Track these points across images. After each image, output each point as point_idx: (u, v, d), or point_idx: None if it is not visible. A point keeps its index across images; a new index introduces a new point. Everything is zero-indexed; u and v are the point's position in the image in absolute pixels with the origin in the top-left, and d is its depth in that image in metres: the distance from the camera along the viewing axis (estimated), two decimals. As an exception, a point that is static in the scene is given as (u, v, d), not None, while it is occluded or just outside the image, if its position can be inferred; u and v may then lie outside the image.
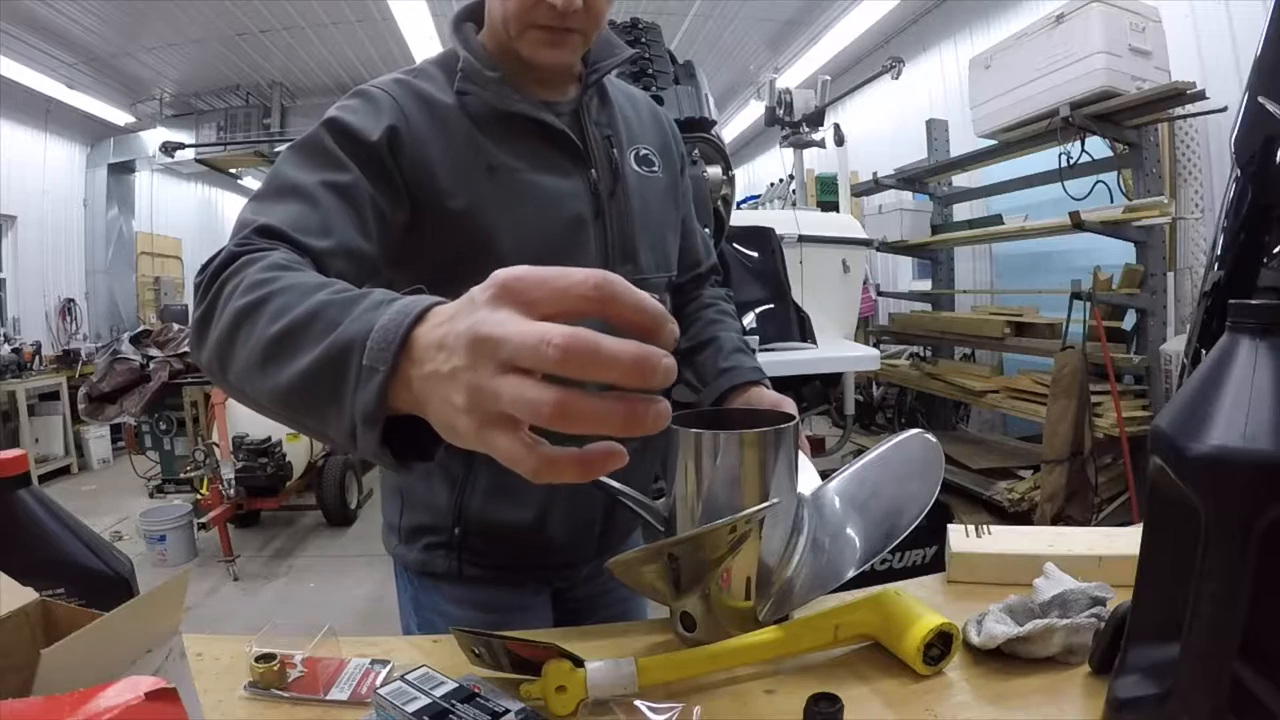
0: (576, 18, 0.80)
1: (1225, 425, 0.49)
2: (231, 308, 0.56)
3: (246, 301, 0.55)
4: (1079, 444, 2.89)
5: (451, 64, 0.86)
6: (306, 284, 0.55)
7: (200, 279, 0.63)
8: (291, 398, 0.50)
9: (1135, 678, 0.57)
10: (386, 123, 0.78)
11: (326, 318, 0.49)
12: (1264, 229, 2.00)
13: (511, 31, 0.82)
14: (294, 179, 0.73)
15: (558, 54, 0.83)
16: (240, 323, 0.55)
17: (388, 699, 0.60)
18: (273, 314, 0.53)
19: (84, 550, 0.71)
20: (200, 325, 0.60)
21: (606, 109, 0.95)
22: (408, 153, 0.79)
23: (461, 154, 0.82)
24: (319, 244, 0.69)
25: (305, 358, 0.48)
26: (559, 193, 0.87)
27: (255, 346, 0.53)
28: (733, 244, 2.91)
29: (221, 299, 0.58)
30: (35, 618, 0.54)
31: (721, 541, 0.68)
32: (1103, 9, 2.96)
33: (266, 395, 0.53)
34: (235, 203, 10.91)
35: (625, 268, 0.91)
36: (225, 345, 0.56)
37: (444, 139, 0.82)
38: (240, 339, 0.55)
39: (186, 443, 4.52)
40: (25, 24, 5.48)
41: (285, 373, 0.50)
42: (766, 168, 7.67)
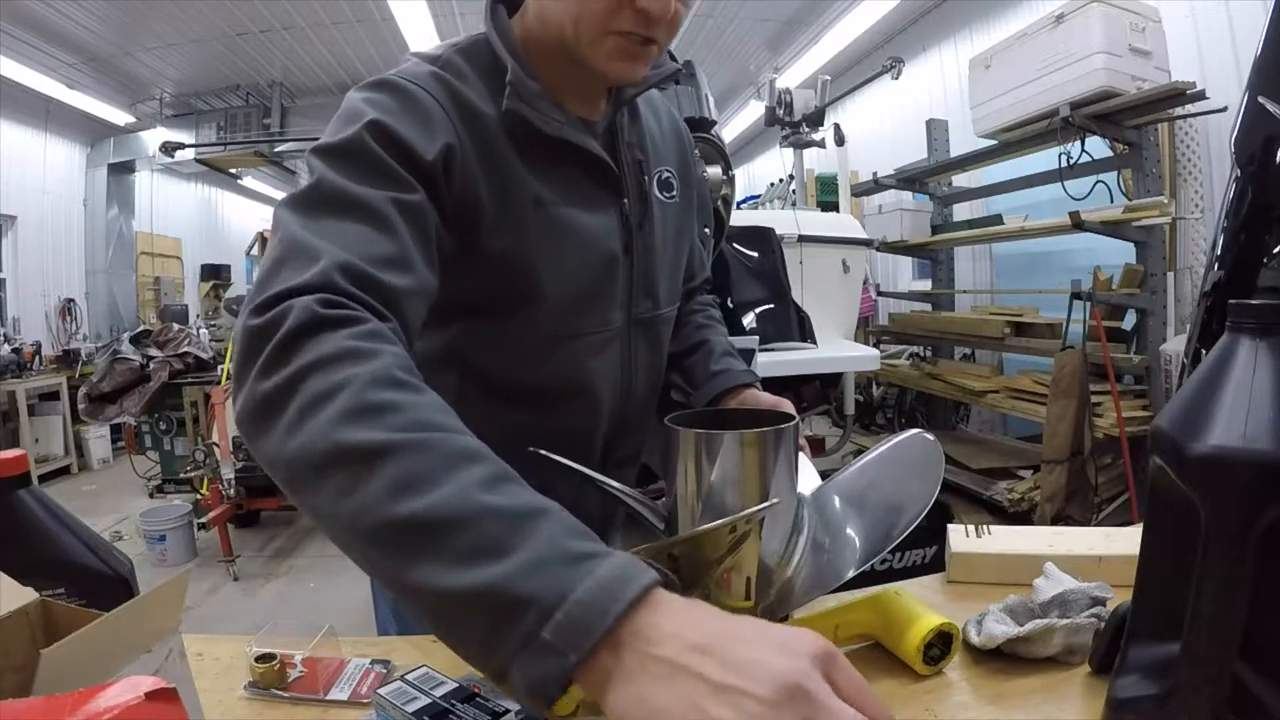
0: (662, 28, 0.70)
1: (1225, 425, 0.49)
2: (328, 429, 0.46)
3: (357, 439, 0.45)
4: (1079, 444, 2.89)
5: (488, 64, 0.75)
6: (445, 443, 0.46)
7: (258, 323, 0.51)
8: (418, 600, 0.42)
9: (1135, 678, 0.57)
10: (443, 141, 0.68)
11: (487, 534, 0.41)
12: (1264, 229, 2.00)
13: (584, 36, 0.70)
14: (357, 193, 0.61)
15: (633, 68, 0.72)
16: (344, 461, 0.45)
17: (388, 699, 0.60)
18: (400, 482, 0.43)
19: (84, 550, 0.71)
20: (266, 409, 0.49)
21: (636, 126, 0.87)
22: (458, 181, 0.69)
23: (507, 184, 0.73)
24: (400, 283, 0.59)
25: (451, 577, 0.40)
26: (597, 229, 0.80)
27: (370, 512, 0.44)
28: (733, 244, 2.91)
29: (308, 394, 0.48)
30: (35, 618, 0.54)
31: (721, 541, 0.68)
32: (1103, 9, 2.96)
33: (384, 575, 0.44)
34: (235, 203, 10.92)
35: (645, 304, 0.88)
36: (309, 471, 0.46)
37: (490, 164, 0.72)
38: (340, 483, 0.45)
39: (186, 443, 4.52)
40: (25, 24, 5.48)
41: (414, 573, 0.42)
42: (766, 168, 7.67)
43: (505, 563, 0.40)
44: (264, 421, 0.49)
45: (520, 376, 0.81)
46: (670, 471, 0.75)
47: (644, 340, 0.89)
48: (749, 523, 0.68)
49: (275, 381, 0.49)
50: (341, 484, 0.45)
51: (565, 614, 0.38)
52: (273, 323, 0.51)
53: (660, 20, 0.68)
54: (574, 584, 0.39)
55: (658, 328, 0.92)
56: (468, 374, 0.80)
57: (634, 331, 0.87)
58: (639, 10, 0.67)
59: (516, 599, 0.39)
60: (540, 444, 0.76)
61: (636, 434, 0.94)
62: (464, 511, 0.42)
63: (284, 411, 0.48)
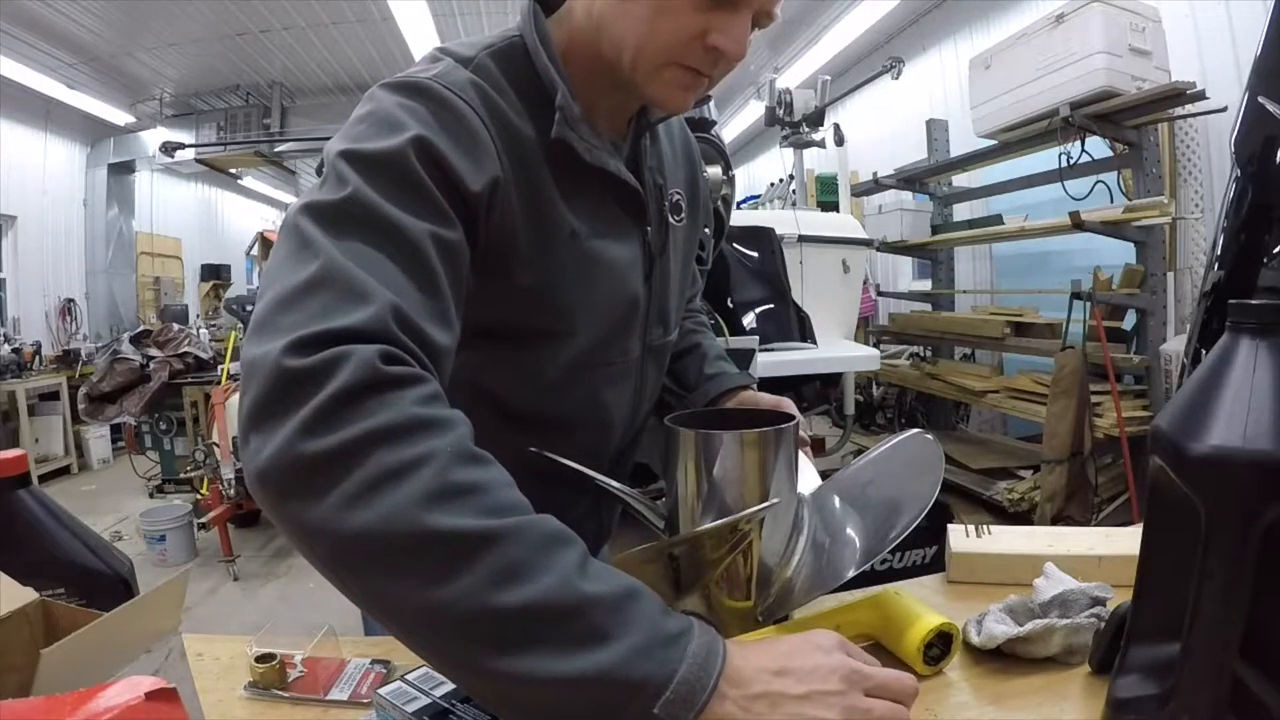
0: (729, 64, 0.66)
1: (1225, 425, 0.49)
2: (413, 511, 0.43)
3: (452, 525, 0.43)
4: (1079, 444, 2.89)
5: (524, 74, 0.69)
6: (536, 528, 0.46)
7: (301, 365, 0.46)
8: (515, 687, 0.43)
9: (1135, 678, 0.57)
10: (490, 174, 0.62)
11: (594, 621, 0.43)
12: (1264, 229, 2.00)
13: (645, 62, 0.66)
14: (397, 220, 0.55)
15: (687, 98, 0.69)
16: (436, 548, 0.43)
17: (388, 699, 0.60)
18: (503, 571, 0.43)
19: (84, 550, 0.72)
20: (314, 473, 0.44)
21: (656, 148, 0.83)
22: (498, 215, 0.64)
23: (544, 216, 0.68)
24: (443, 340, 0.55)
25: (563, 664, 0.42)
26: (625, 261, 0.77)
27: (466, 602, 0.42)
28: (733, 244, 2.91)
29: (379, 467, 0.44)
30: (35, 618, 0.54)
31: (721, 541, 0.68)
32: (1103, 9, 2.96)
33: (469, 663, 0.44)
34: (235, 203, 10.92)
35: (657, 330, 0.86)
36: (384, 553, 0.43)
37: (528, 194, 0.67)
38: (431, 571, 0.43)
39: (186, 443, 4.52)
40: (25, 24, 5.48)
41: (518, 662, 0.42)
42: (766, 168, 7.67)
43: (614, 648, 0.43)
44: (310, 485, 0.44)
45: (536, 404, 0.78)
46: (670, 471, 0.75)
47: (653, 366, 0.89)
48: (749, 523, 0.68)
49: (331, 444, 0.44)
50: (433, 572, 0.43)
51: (673, 692, 0.43)
52: (323, 370, 0.46)
53: (730, 62, 0.66)
54: (676, 665, 0.44)
55: (665, 352, 0.92)
56: (481, 397, 0.73)
57: (646, 359, 0.86)
58: (710, 47, 0.64)
59: (629, 683, 0.43)
60: (563, 449, 0.77)
61: (636, 446, 0.94)
62: (570, 600, 0.43)
63: (342, 481, 0.44)
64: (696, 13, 0.63)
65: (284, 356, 0.46)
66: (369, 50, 6.51)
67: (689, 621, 0.48)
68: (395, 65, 6.71)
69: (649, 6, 0.63)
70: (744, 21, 0.64)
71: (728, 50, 0.64)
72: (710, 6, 0.62)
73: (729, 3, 0.62)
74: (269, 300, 0.50)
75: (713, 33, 0.63)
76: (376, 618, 0.46)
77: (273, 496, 0.46)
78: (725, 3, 0.62)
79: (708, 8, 0.62)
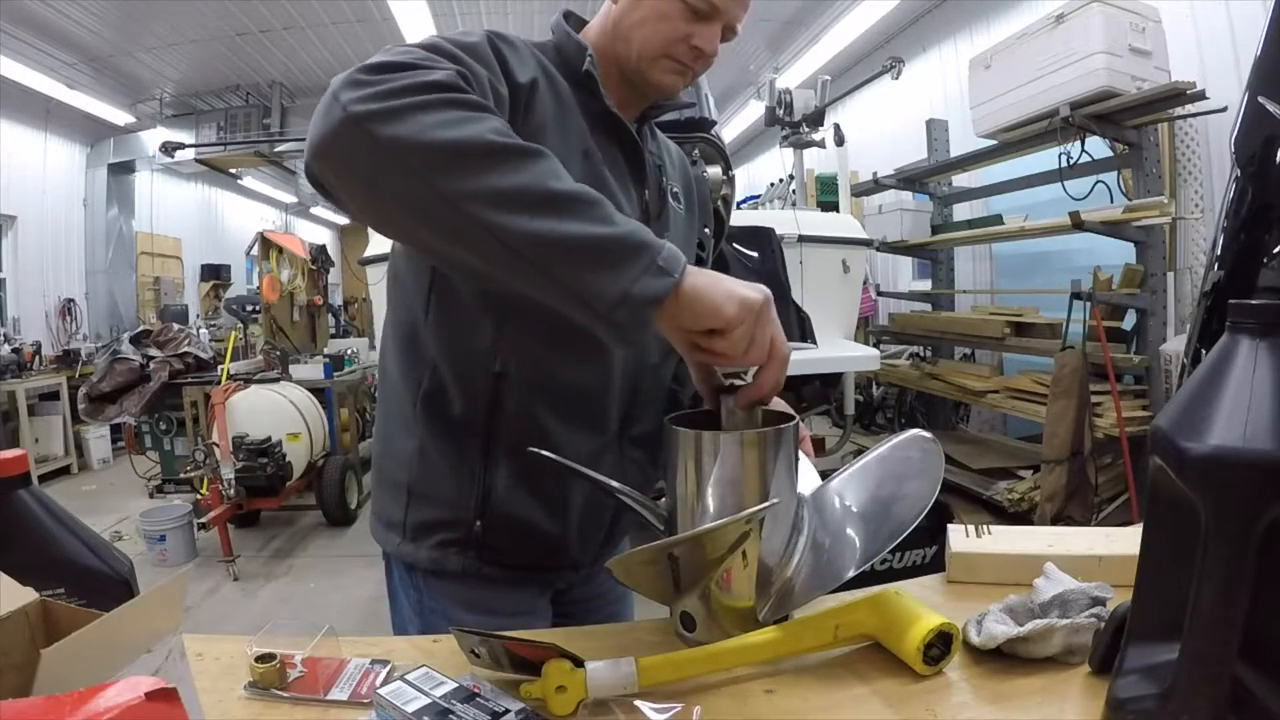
0: (704, 62, 0.90)
1: (1225, 425, 0.49)
2: (479, 135, 0.63)
3: (505, 142, 0.64)
4: (1079, 444, 2.89)
5: (559, 54, 0.91)
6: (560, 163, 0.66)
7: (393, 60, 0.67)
8: (560, 246, 0.62)
9: (1135, 678, 0.57)
10: (531, 74, 0.83)
11: (608, 210, 0.65)
12: (1264, 229, 2.00)
13: (646, 54, 0.88)
14: (468, 60, 0.74)
15: (680, 82, 0.91)
16: (500, 155, 0.63)
17: (388, 699, 0.60)
18: (549, 172, 0.64)
19: (84, 550, 0.71)
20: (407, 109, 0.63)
21: (655, 142, 1.03)
22: (534, 110, 0.83)
23: (568, 131, 0.87)
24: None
25: (596, 228, 0.63)
26: (625, 202, 0.91)
27: (526, 187, 0.63)
28: (733, 244, 2.91)
29: (456, 115, 0.64)
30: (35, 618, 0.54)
31: (721, 541, 0.68)
32: (1103, 9, 2.96)
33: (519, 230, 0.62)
34: (235, 202, 10.92)
35: None
36: (460, 155, 0.63)
37: (558, 109, 0.86)
38: (495, 167, 0.63)
39: (186, 443, 4.52)
40: (25, 24, 5.48)
41: (564, 226, 0.62)
42: (766, 168, 7.67)
43: (627, 226, 0.65)
44: (405, 116, 0.62)
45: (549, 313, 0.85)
46: (670, 471, 0.75)
47: None
48: (749, 523, 0.68)
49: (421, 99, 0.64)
50: (509, 167, 0.63)
51: (666, 253, 0.65)
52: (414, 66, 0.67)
53: (708, 57, 0.89)
54: (664, 242, 0.66)
55: None
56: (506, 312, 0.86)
57: None
58: (693, 46, 0.87)
59: (643, 243, 0.64)
60: (561, 400, 0.88)
61: (653, 412, 0.96)
62: (597, 198, 0.66)
63: (430, 112, 0.63)
64: (683, 22, 0.86)
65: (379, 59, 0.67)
66: (369, 50, 6.34)
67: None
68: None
69: (653, 15, 0.87)
70: (717, 30, 0.88)
71: (707, 50, 0.88)
72: (694, 18, 0.86)
73: (706, 16, 0.86)
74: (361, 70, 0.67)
75: (695, 36, 0.87)
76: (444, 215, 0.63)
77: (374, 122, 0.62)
78: (704, 16, 0.86)
79: (692, 19, 0.86)
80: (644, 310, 0.63)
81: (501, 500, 0.88)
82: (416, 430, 0.89)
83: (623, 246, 0.63)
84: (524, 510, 0.89)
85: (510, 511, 0.89)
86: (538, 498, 0.90)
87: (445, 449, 0.89)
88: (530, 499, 0.89)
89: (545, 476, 0.88)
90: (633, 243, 0.64)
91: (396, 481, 0.93)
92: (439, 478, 0.89)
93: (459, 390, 0.87)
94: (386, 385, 0.97)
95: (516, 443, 0.86)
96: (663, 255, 0.64)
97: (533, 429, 0.86)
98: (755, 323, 0.66)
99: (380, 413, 1.00)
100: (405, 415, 0.91)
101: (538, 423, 0.87)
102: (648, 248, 0.64)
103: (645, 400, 0.95)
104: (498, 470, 0.88)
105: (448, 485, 0.89)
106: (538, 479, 0.89)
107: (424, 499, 0.91)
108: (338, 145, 0.63)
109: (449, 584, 0.92)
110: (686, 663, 0.67)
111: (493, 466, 0.88)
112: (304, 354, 5.44)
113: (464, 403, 0.87)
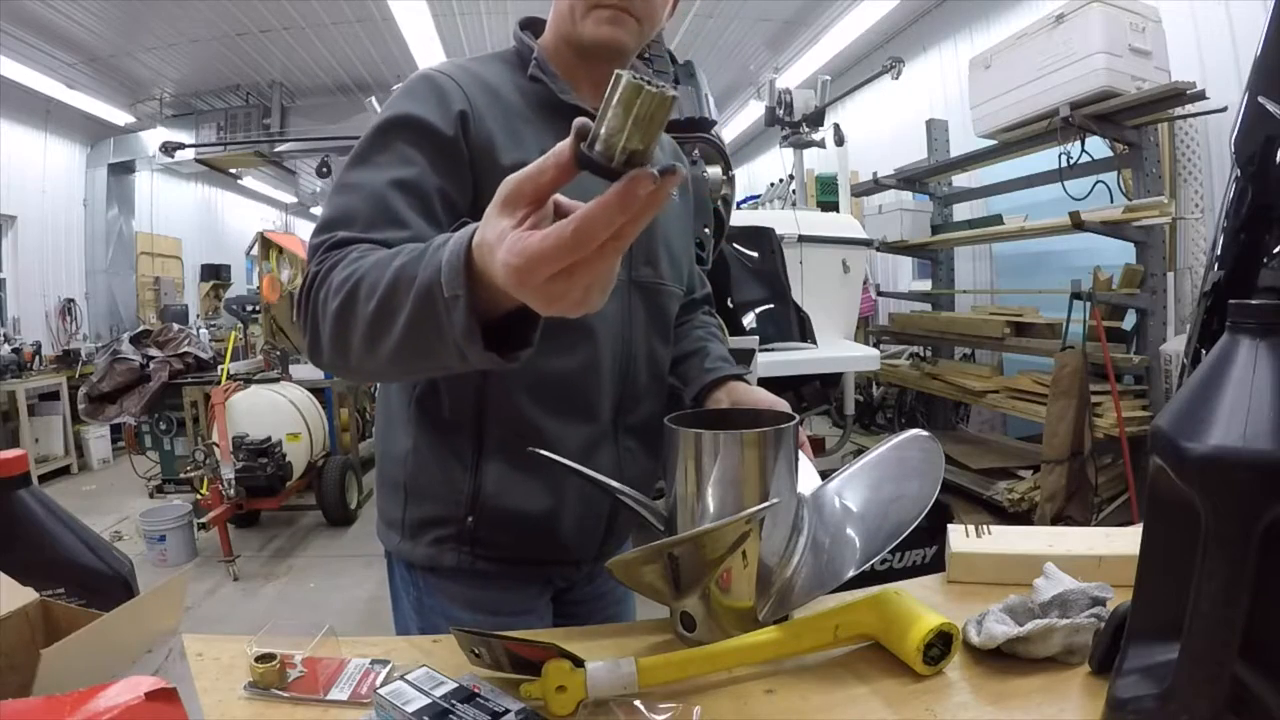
0: (635, 3, 0.86)
1: (1225, 425, 0.49)
2: (331, 313, 0.67)
3: (340, 301, 0.66)
4: (1079, 444, 2.89)
5: (514, 57, 0.94)
6: (383, 259, 0.64)
7: (297, 308, 0.73)
8: (404, 354, 0.62)
9: (1135, 678, 0.57)
10: (457, 109, 0.83)
11: (406, 276, 0.61)
12: (1264, 229, 2.00)
13: (577, 14, 0.87)
14: (358, 181, 0.79)
15: (617, 32, 0.87)
16: (344, 318, 0.66)
17: (388, 699, 0.60)
18: (365, 297, 0.64)
19: (84, 550, 0.71)
20: (314, 343, 0.71)
21: None
22: (474, 132, 0.84)
23: (520, 134, 0.86)
24: (396, 235, 0.74)
25: (401, 316, 0.60)
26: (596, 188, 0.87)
27: (361, 329, 0.64)
28: (733, 244, 2.91)
29: (320, 312, 0.68)
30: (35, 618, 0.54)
31: (721, 541, 0.68)
32: (1103, 9, 2.96)
33: (385, 363, 0.64)
34: (235, 202, 10.92)
35: (645, 270, 0.95)
36: (338, 343, 0.67)
37: (505, 119, 0.86)
38: (348, 332, 0.66)
39: (186, 443, 4.52)
40: (25, 24, 5.48)
41: (391, 338, 0.62)
42: (766, 168, 7.67)
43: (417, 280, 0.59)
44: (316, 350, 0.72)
45: None
46: (670, 471, 0.75)
47: (643, 302, 0.95)
48: (749, 523, 0.68)
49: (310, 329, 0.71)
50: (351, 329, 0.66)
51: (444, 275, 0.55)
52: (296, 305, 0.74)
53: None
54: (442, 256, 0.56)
55: (658, 297, 0.98)
56: None
57: (633, 290, 0.94)
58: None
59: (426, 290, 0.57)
60: (548, 392, 0.87)
61: (647, 400, 0.96)
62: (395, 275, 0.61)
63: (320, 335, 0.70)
64: None
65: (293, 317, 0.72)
66: (369, 50, 6.51)
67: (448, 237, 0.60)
68: (395, 65, 6.69)
69: None
70: None
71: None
72: None
73: None
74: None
75: None
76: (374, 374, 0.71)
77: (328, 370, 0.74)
78: None
79: None
80: (473, 341, 0.55)
81: (492, 495, 0.89)
82: (411, 430, 0.91)
83: (421, 312, 0.58)
84: (515, 504, 0.89)
85: (501, 505, 0.89)
86: (529, 491, 0.90)
87: (437, 447, 0.90)
88: (522, 492, 0.89)
89: (537, 470, 0.89)
90: (422, 299, 0.58)
91: (395, 481, 0.94)
92: (432, 475, 0.90)
93: (447, 389, 0.88)
94: (386, 387, 0.99)
95: (507, 437, 0.87)
96: (445, 281, 0.55)
97: (522, 422, 0.87)
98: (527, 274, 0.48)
99: (380, 413, 1.00)
100: (401, 416, 0.92)
101: (527, 416, 0.87)
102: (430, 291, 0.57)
103: (639, 387, 0.95)
104: (488, 465, 0.88)
105: (440, 482, 0.90)
106: (529, 472, 0.89)
107: (419, 496, 0.92)
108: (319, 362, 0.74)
109: (446, 581, 0.93)
110: (686, 663, 0.67)
111: (483, 461, 0.88)
112: (304, 354, 5.43)
113: (453, 402, 0.88)
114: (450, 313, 0.56)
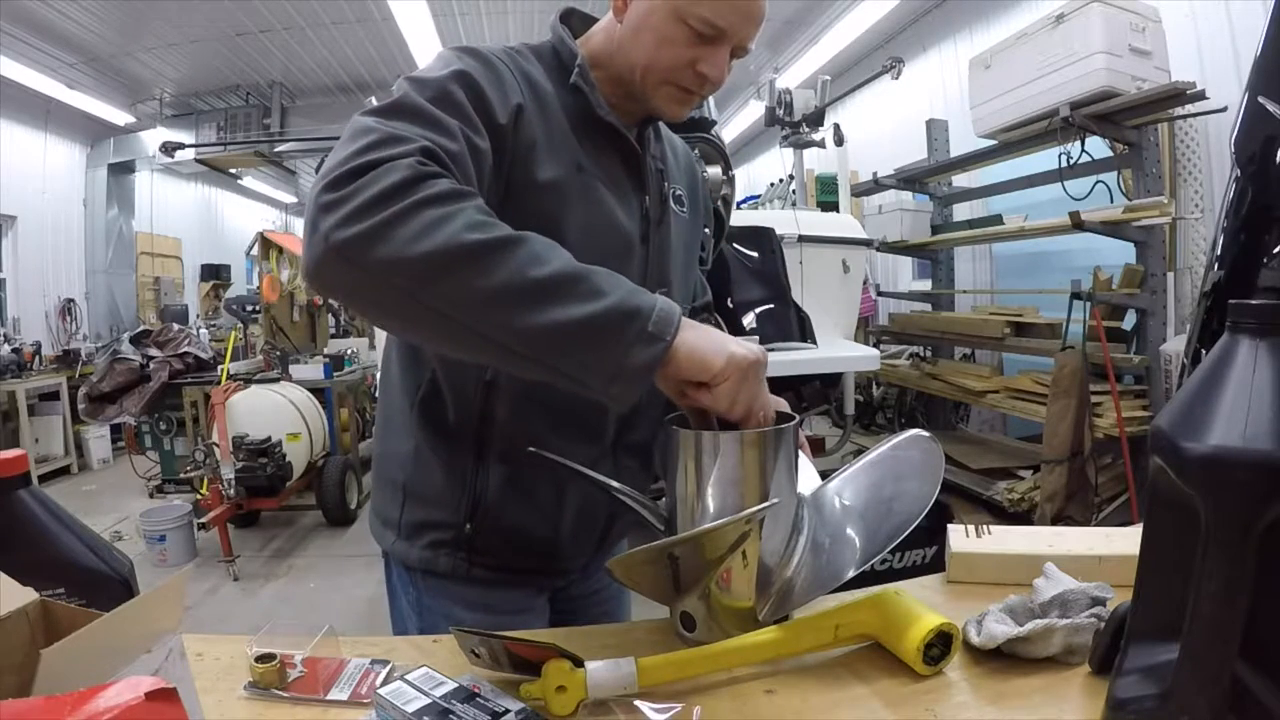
0: (713, 85, 0.84)
1: (1225, 425, 0.49)
2: (455, 239, 0.62)
3: (481, 240, 0.62)
4: (1079, 444, 2.89)
5: (552, 58, 0.89)
6: (545, 240, 0.65)
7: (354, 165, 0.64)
8: (550, 337, 0.62)
9: (1135, 678, 0.57)
10: (515, 101, 0.80)
11: (594, 282, 0.63)
12: (1264, 229, 2.00)
13: (650, 79, 0.84)
14: (439, 117, 0.72)
15: (682, 110, 0.87)
16: (478, 256, 0.62)
17: (388, 699, 0.60)
18: (529, 259, 0.63)
19: (84, 550, 0.71)
20: (384, 228, 0.62)
21: (659, 145, 0.99)
22: (522, 134, 0.81)
23: (558, 145, 0.84)
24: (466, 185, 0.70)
25: (582, 308, 0.62)
26: (622, 213, 0.89)
27: (507, 284, 0.62)
28: (733, 244, 2.91)
29: (428, 219, 0.62)
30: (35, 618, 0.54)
31: (721, 541, 0.68)
32: (1103, 9, 2.96)
33: (507, 329, 0.62)
34: (235, 202, 10.92)
35: (659, 292, 0.93)
36: (438, 266, 0.62)
37: (547, 126, 0.83)
38: (475, 270, 0.62)
39: (186, 443, 4.52)
40: (25, 24, 5.48)
41: (548, 315, 0.61)
42: (766, 168, 7.67)
43: (615, 295, 0.63)
44: (380, 236, 0.62)
45: None
46: (670, 471, 0.75)
47: None
48: (749, 523, 0.68)
49: (392, 211, 0.62)
50: (484, 265, 0.62)
51: (658, 315, 0.64)
52: (379, 162, 0.64)
53: (715, 83, 0.84)
54: (654, 300, 0.65)
55: None
56: None
57: None
58: (698, 73, 0.82)
59: (633, 311, 0.63)
60: (553, 410, 0.86)
61: (648, 421, 0.96)
62: (580, 271, 0.64)
63: (404, 223, 0.62)
64: (689, 46, 0.81)
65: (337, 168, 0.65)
66: (369, 50, 6.51)
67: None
68: (395, 65, 6.67)
69: (655, 38, 0.81)
70: (725, 53, 0.83)
71: (712, 76, 0.83)
72: (699, 41, 0.80)
73: (712, 39, 0.81)
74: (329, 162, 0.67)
75: (701, 62, 0.82)
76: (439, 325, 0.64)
77: (353, 252, 0.62)
78: (710, 39, 0.80)
79: (698, 42, 0.81)
80: (638, 379, 0.63)
81: (492, 505, 0.88)
82: (413, 432, 0.90)
83: (610, 321, 0.62)
84: (515, 516, 0.89)
85: (501, 516, 0.89)
86: (530, 504, 0.90)
87: (439, 452, 0.89)
88: (522, 505, 0.89)
89: (538, 482, 0.89)
90: (620, 314, 0.63)
91: (394, 481, 0.93)
92: (433, 479, 0.90)
93: (452, 397, 0.87)
94: (388, 385, 0.98)
95: (509, 449, 0.86)
96: (654, 320, 0.63)
97: (525, 437, 0.85)
98: (741, 380, 0.66)
99: (381, 412, 1.00)
100: (403, 417, 0.92)
101: (530, 431, 0.86)
102: (637, 315, 0.63)
103: (642, 411, 0.94)
104: (489, 475, 0.88)
105: (440, 487, 0.89)
106: (531, 485, 0.89)
107: (418, 499, 0.92)
108: (328, 274, 0.64)
109: (445, 583, 0.92)
110: (686, 663, 0.67)
111: (484, 471, 0.88)
112: (304, 354, 5.43)
113: (457, 409, 0.87)
114: (640, 344, 0.62)
